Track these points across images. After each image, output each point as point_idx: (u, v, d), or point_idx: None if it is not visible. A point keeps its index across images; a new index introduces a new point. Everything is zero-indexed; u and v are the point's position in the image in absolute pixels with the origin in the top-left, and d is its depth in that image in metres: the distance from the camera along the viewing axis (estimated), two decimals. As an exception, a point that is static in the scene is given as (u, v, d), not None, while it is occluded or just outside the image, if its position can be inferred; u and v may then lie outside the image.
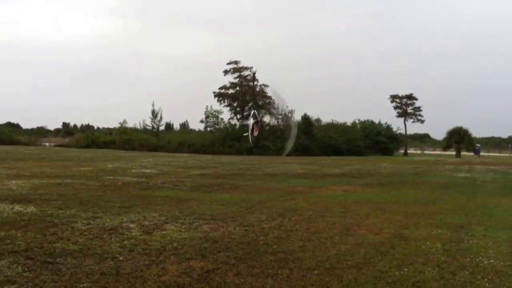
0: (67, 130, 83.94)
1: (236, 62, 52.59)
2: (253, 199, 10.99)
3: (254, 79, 50.20)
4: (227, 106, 53.75)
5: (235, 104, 53.36)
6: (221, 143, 46.89)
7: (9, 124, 76.77)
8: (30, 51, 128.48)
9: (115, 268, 5.03)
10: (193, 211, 8.95)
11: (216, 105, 56.42)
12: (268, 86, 52.86)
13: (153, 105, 57.87)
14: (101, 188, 12.32)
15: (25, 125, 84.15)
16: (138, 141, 50.51)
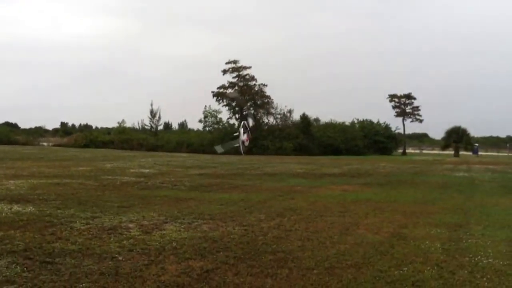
0: (65, 129, 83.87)
1: (235, 62, 52.61)
2: (252, 198, 10.99)
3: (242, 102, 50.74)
4: (225, 105, 53.76)
5: (233, 104, 53.31)
6: (220, 142, 46.80)
7: (7, 124, 76.70)
8: (28, 51, 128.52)
9: (114, 268, 5.03)
10: (192, 210, 8.95)
11: (214, 104, 56.50)
12: (267, 85, 53.04)
13: (151, 105, 57.97)
14: (100, 188, 12.30)
15: (23, 124, 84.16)
16: (136, 140, 50.53)
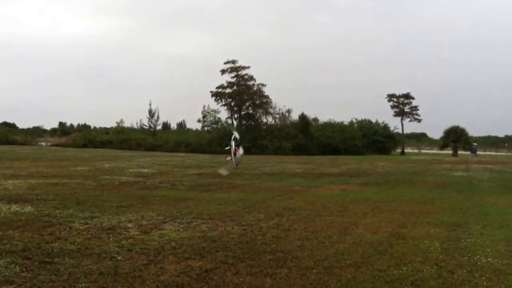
0: (63, 129, 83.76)
1: (233, 62, 52.61)
2: (251, 198, 10.98)
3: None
4: (224, 105, 53.75)
5: (232, 104, 53.30)
6: (218, 142, 46.83)
7: (5, 124, 76.65)
8: (26, 50, 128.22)
9: (113, 268, 5.02)
10: (191, 210, 8.94)
11: (213, 104, 56.47)
12: (265, 85, 53.04)
13: (150, 105, 58.02)
14: (98, 187, 12.28)
15: (21, 124, 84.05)
16: (135, 140, 50.51)
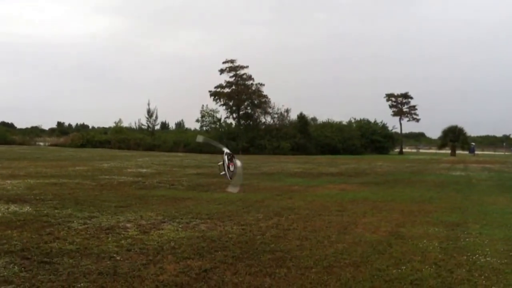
0: (61, 129, 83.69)
1: (232, 61, 52.61)
2: (250, 198, 10.98)
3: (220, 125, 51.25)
4: (223, 105, 53.74)
5: (231, 103, 53.30)
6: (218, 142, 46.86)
7: (3, 124, 76.55)
8: (25, 50, 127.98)
9: (112, 268, 5.01)
10: (190, 210, 8.93)
11: (212, 104, 56.46)
12: (264, 85, 53.05)
13: (148, 105, 58.02)
14: (97, 187, 12.27)
15: (19, 124, 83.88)
16: (133, 140, 50.50)
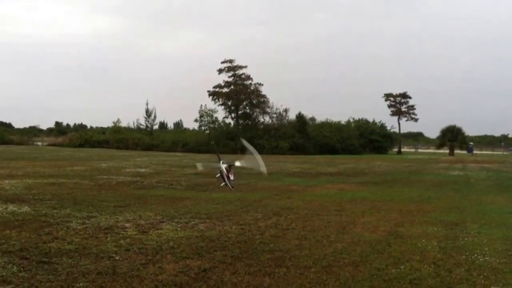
0: (60, 129, 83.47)
1: (230, 61, 52.54)
2: (249, 198, 10.97)
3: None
4: (221, 105, 53.67)
5: (229, 103, 53.25)
6: (216, 142, 46.85)
7: (1, 124, 76.30)
8: (23, 50, 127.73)
9: (111, 268, 5.00)
10: (189, 210, 8.93)
11: (210, 104, 56.41)
12: (262, 85, 52.98)
13: (147, 104, 58.13)
14: (96, 187, 12.25)
15: (17, 124, 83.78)
16: (132, 140, 50.42)
